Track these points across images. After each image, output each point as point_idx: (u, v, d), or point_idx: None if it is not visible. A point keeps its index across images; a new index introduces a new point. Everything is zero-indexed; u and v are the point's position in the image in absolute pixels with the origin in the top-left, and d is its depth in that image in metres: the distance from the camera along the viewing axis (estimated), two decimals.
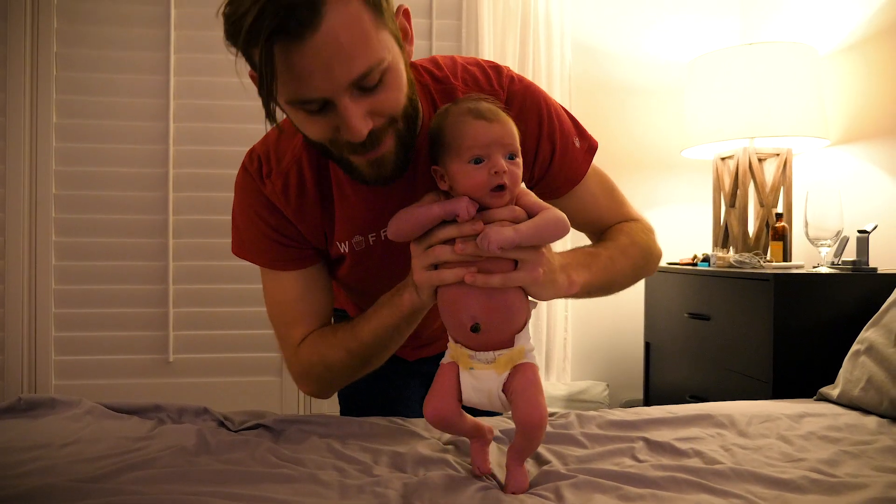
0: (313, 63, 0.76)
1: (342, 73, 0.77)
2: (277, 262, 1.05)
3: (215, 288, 2.44)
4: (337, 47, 0.76)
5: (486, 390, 0.85)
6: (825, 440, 1.13)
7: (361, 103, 0.81)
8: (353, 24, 0.76)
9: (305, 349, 1.06)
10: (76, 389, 2.34)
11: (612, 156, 2.64)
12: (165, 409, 1.21)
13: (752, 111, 2.05)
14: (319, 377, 1.08)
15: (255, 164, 1.02)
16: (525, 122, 0.99)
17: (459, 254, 0.83)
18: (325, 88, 0.78)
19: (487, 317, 0.83)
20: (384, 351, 1.03)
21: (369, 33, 0.78)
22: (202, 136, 2.44)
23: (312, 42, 0.74)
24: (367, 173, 0.90)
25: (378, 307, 0.99)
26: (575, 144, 1.07)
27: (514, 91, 1.02)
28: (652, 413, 1.25)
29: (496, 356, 0.85)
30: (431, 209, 0.84)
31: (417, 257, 0.87)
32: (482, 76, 1.02)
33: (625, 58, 2.68)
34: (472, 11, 2.47)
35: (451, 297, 0.85)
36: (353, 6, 0.76)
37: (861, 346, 1.45)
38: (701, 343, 2.02)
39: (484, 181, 0.83)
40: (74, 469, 0.90)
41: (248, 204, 1.04)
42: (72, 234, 2.41)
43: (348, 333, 1.02)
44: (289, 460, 0.97)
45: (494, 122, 0.85)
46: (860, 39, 2.08)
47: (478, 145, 0.83)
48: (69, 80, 2.39)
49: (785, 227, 2.04)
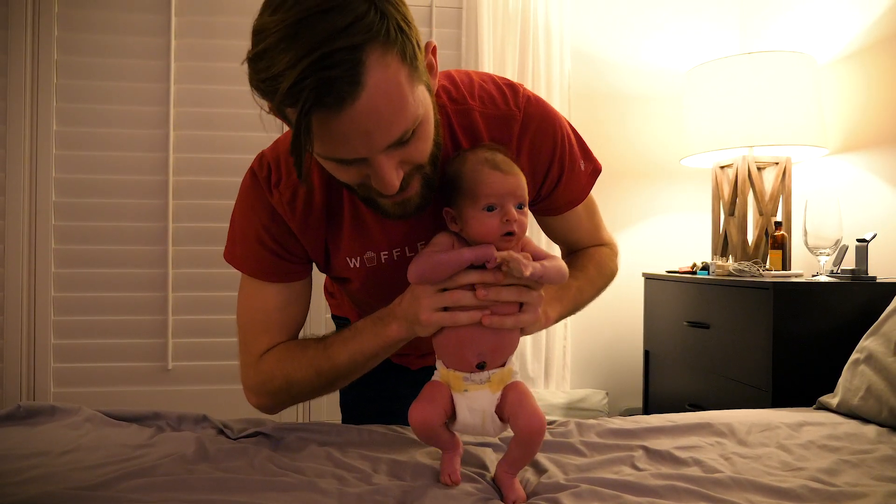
0: (351, 130, 0.75)
1: (381, 139, 0.77)
2: (267, 274, 1.04)
3: (214, 296, 2.44)
4: (377, 116, 0.74)
5: (480, 410, 0.89)
6: (825, 449, 1.13)
7: (394, 156, 0.81)
8: (391, 90, 0.74)
9: (269, 361, 1.05)
10: (75, 397, 2.34)
11: (612, 164, 2.65)
12: (165, 417, 1.21)
13: (752, 120, 2.06)
14: (277, 391, 1.05)
15: (264, 170, 1.00)
16: (539, 145, 1.02)
17: (481, 299, 0.87)
18: (363, 152, 0.78)
19: (493, 354, 0.90)
20: (353, 375, 1.03)
21: (407, 97, 0.77)
22: (202, 143, 2.45)
23: (352, 111, 0.72)
24: (391, 211, 0.91)
25: (358, 332, 0.99)
26: (581, 168, 1.09)
27: (531, 113, 1.02)
28: (651, 421, 1.24)
29: (490, 375, 0.90)
30: (462, 255, 0.87)
31: (429, 297, 0.89)
32: (498, 95, 1.02)
33: (624, 66, 2.69)
34: (471, 20, 2.48)
35: (458, 337, 0.90)
36: (391, 69, 0.74)
37: (860, 355, 1.45)
38: (700, 351, 2.02)
39: (496, 228, 0.88)
40: (74, 477, 0.90)
41: (251, 210, 1.02)
42: (71, 241, 2.41)
43: (320, 352, 1.01)
44: (288, 468, 0.97)
45: (509, 174, 0.90)
46: (859, 49, 2.09)
47: (494, 194, 0.88)
48: (69, 87, 2.40)
49: (784, 235, 2.04)
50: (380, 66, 0.72)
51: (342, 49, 0.69)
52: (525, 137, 1.01)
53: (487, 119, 0.99)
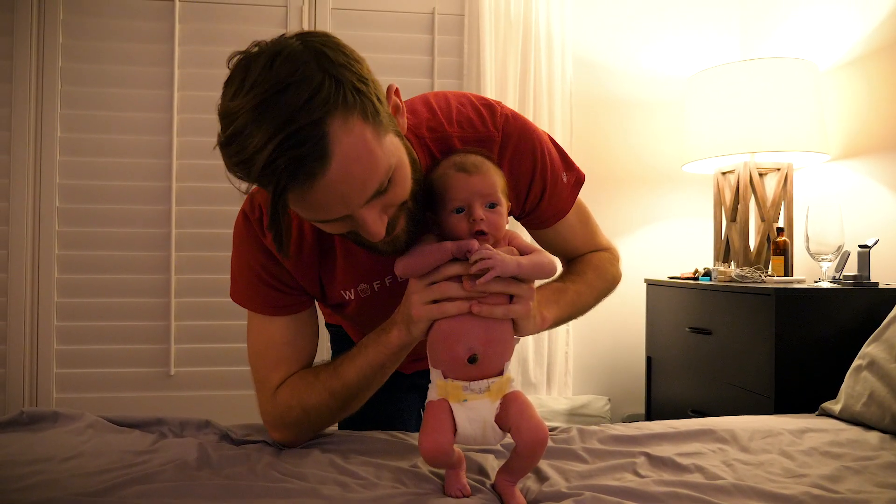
0: (327, 197, 0.77)
1: (357, 198, 0.80)
2: (271, 308, 1.06)
3: (217, 301, 2.45)
4: (350, 180, 0.77)
5: (481, 420, 0.88)
6: (827, 456, 1.13)
7: (375, 206, 0.83)
8: (360, 152, 0.77)
9: (283, 393, 1.06)
10: (77, 402, 2.34)
11: (613, 170, 2.66)
12: (167, 423, 1.21)
13: (753, 126, 2.06)
14: (296, 421, 1.07)
15: (256, 212, 1.03)
16: (519, 162, 1.04)
17: (467, 290, 0.88)
18: (343, 211, 0.81)
19: (485, 347, 0.88)
20: (366, 391, 1.04)
21: (375, 153, 0.78)
22: (205, 150, 2.46)
23: (325, 181, 0.75)
24: (382, 249, 0.93)
25: (362, 347, 1.01)
26: (563, 180, 1.11)
27: (509, 132, 1.03)
28: (653, 428, 1.24)
29: (490, 384, 0.89)
30: (444, 246, 0.89)
31: (419, 292, 0.91)
32: (476, 117, 1.03)
33: (625, 73, 2.70)
34: (473, 27, 2.49)
35: (448, 329, 0.89)
36: (355, 132, 0.76)
37: (862, 362, 1.45)
38: (702, 357, 2.02)
39: (465, 229, 0.90)
40: (76, 483, 0.90)
41: (247, 251, 1.05)
42: (75, 247, 2.42)
43: (331, 374, 1.03)
44: (291, 475, 0.97)
45: (475, 174, 0.91)
46: (860, 55, 2.10)
47: (458, 197, 0.90)
48: (74, 94, 2.41)
49: (786, 241, 2.04)
50: (343, 132, 0.74)
51: (305, 126, 0.72)
52: (505, 156, 1.03)
53: (466, 143, 1.01)
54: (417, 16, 2.54)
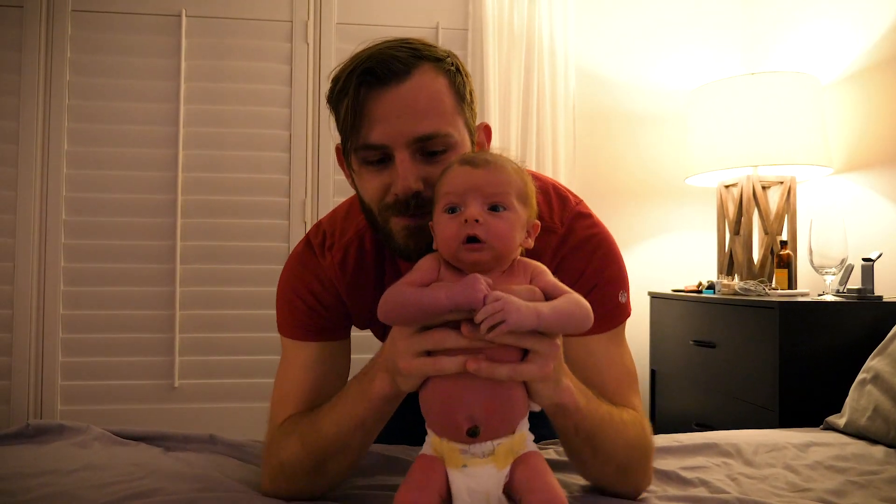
0: (387, 110, 0.83)
1: (408, 127, 0.83)
2: (301, 331, 0.98)
3: (221, 314, 2.45)
4: (413, 103, 0.83)
5: (484, 492, 0.70)
6: (832, 470, 1.13)
7: (418, 164, 0.84)
8: (434, 92, 0.85)
9: (276, 436, 0.93)
10: (82, 415, 2.34)
11: (616, 183, 2.67)
12: (172, 438, 1.21)
13: (756, 140, 2.07)
14: (274, 475, 0.92)
15: (319, 237, 1.01)
16: (575, 257, 0.95)
17: (468, 338, 0.67)
18: (389, 136, 0.83)
19: (488, 417, 0.69)
20: (345, 450, 0.86)
21: (445, 106, 0.86)
22: (211, 163, 2.47)
23: (395, 91, 0.83)
24: (402, 243, 0.86)
25: (343, 394, 0.86)
26: (618, 298, 0.97)
27: (574, 228, 0.97)
28: (658, 441, 1.24)
29: (495, 446, 0.70)
30: (438, 299, 0.67)
31: (405, 339, 0.71)
32: (545, 205, 0.96)
33: (628, 86, 2.71)
34: (477, 42, 2.51)
35: (444, 391, 0.70)
36: (439, 81, 0.86)
37: (867, 375, 1.45)
38: (706, 370, 2.02)
39: (453, 233, 0.70)
40: (82, 495, 0.90)
41: (297, 277, 1.00)
42: (80, 259, 2.43)
43: (309, 421, 0.89)
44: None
45: (480, 167, 0.73)
46: (862, 69, 2.11)
47: (453, 192, 0.73)
48: (81, 107, 2.43)
49: (790, 254, 2.04)
50: (428, 75, 0.85)
51: (401, 58, 0.83)
52: (562, 250, 0.96)
53: None
54: (422, 31, 2.56)
